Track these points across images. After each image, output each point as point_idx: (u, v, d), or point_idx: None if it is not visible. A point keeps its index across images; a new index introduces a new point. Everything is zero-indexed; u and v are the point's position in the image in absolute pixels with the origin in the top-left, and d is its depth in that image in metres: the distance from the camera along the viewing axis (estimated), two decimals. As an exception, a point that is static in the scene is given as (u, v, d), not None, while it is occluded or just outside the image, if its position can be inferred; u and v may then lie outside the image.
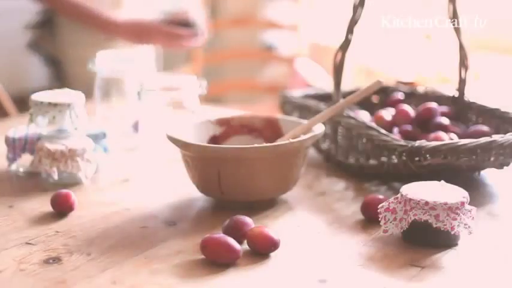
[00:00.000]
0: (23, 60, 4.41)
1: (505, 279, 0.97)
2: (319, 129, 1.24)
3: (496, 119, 1.40)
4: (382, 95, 1.62)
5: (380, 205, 1.09)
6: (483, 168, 1.28)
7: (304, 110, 1.50)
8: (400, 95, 1.57)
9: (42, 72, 2.50)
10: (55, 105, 1.34)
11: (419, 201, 1.04)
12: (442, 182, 1.10)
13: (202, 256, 1.02)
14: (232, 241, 1.01)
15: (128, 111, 1.59)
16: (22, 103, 2.13)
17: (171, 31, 2.06)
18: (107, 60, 1.57)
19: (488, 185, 1.32)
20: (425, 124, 1.40)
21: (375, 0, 3.30)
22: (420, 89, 1.60)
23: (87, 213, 1.19)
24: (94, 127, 1.42)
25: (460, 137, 1.35)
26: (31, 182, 1.33)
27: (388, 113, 1.44)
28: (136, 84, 1.52)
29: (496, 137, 1.23)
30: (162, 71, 2.10)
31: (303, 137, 1.20)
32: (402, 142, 1.23)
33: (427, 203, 1.03)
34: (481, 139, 1.22)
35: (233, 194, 1.19)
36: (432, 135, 1.33)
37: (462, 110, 1.48)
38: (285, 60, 3.52)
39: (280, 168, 1.19)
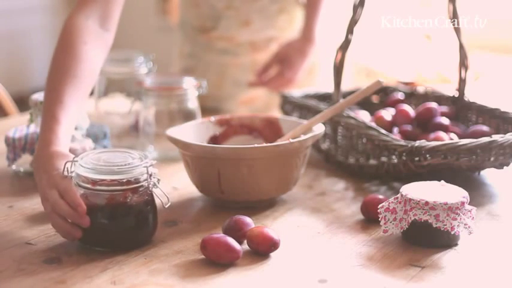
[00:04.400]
0: (23, 60, 4.42)
1: (505, 279, 0.97)
2: (319, 129, 1.24)
3: (496, 119, 1.40)
4: (382, 95, 1.62)
5: (380, 205, 1.09)
6: (483, 168, 1.28)
7: (304, 110, 1.50)
8: (400, 95, 1.57)
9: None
10: (55, 105, 1.33)
11: (419, 201, 1.04)
12: (442, 182, 1.10)
13: (202, 256, 1.02)
14: (232, 241, 1.01)
15: (128, 111, 1.59)
16: (22, 103, 2.13)
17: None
18: (107, 61, 1.57)
19: (488, 185, 1.32)
20: (425, 124, 1.40)
21: (375, 0, 3.31)
22: (420, 89, 1.60)
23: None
24: (94, 127, 1.42)
25: (460, 137, 1.35)
26: (31, 182, 1.33)
27: (388, 113, 1.44)
28: (136, 84, 1.52)
29: (496, 137, 1.23)
30: (161, 71, 2.09)
31: (303, 137, 1.20)
32: (402, 142, 1.23)
33: (427, 203, 1.03)
34: (481, 139, 1.22)
35: (233, 194, 1.19)
36: (432, 135, 1.33)
37: (462, 110, 1.48)
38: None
39: (280, 168, 1.19)
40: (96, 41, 1.26)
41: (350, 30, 1.29)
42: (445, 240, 1.05)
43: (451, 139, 1.32)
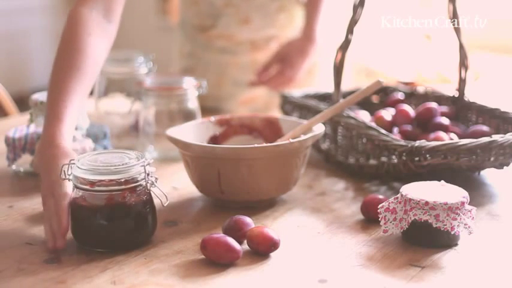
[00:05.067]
0: (23, 60, 4.42)
1: (505, 279, 0.97)
2: (319, 129, 1.24)
3: (496, 119, 1.40)
4: (382, 95, 1.62)
5: (380, 205, 1.09)
6: (483, 168, 1.28)
7: (304, 110, 1.50)
8: (400, 95, 1.57)
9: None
10: (55, 105, 1.33)
11: (419, 201, 1.04)
12: (442, 182, 1.10)
13: (202, 256, 1.02)
14: (232, 241, 1.01)
15: (128, 111, 1.59)
16: (22, 103, 2.13)
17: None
18: (107, 61, 1.57)
19: (488, 185, 1.32)
20: (425, 124, 1.40)
21: (375, 0, 3.31)
22: (420, 89, 1.60)
23: (87, 213, 1.19)
24: (94, 127, 1.42)
25: (460, 137, 1.35)
26: (31, 182, 1.33)
27: (388, 113, 1.44)
28: (136, 84, 1.52)
29: (496, 137, 1.23)
30: (161, 71, 2.09)
31: (303, 137, 1.20)
32: (402, 142, 1.23)
33: (427, 203, 1.03)
34: (481, 139, 1.22)
35: (233, 194, 1.19)
36: (432, 135, 1.33)
37: (462, 110, 1.48)
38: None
39: (280, 168, 1.19)
40: (100, 32, 1.27)
41: (350, 30, 1.29)
42: (445, 240, 1.05)
43: (451, 139, 1.32)
